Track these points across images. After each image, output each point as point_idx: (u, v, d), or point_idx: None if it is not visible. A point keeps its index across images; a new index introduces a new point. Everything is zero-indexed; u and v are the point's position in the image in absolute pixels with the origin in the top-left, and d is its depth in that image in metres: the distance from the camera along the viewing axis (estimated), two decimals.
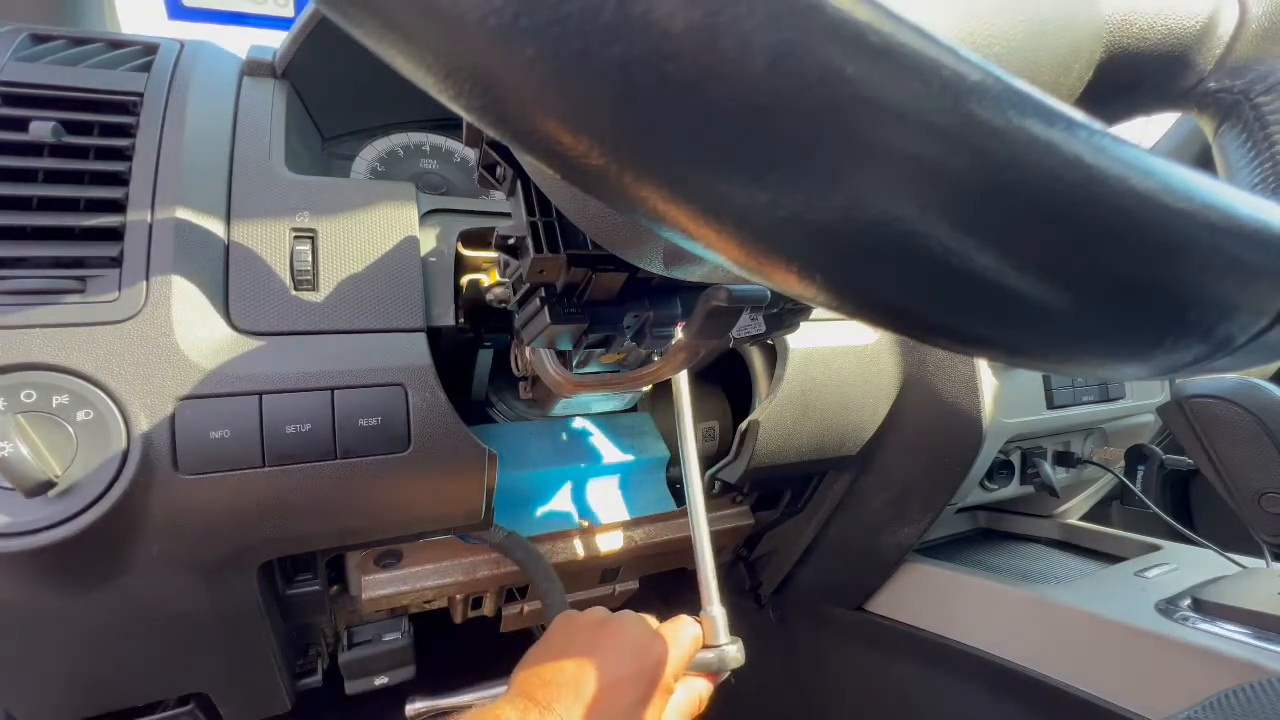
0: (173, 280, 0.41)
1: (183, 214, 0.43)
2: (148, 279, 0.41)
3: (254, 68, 0.54)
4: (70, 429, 0.37)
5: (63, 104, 0.45)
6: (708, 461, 0.65)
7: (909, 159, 0.11)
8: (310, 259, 0.46)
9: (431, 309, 0.49)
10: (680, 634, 0.45)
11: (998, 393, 0.64)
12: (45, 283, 0.39)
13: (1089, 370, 0.16)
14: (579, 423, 0.71)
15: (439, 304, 0.49)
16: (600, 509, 0.67)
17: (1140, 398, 0.78)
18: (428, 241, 0.50)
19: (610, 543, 0.65)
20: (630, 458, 0.70)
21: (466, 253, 0.52)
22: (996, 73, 0.11)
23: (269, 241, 0.45)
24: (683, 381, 0.52)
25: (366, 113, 0.64)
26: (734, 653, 0.48)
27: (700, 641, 0.47)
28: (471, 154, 0.62)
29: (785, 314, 0.39)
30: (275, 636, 0.53)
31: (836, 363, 0.63)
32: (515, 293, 0.39)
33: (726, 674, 0.48)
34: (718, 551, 0.62)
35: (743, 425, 0.61)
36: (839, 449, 0.66)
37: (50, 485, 0.36)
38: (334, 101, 0.60)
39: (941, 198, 0.11)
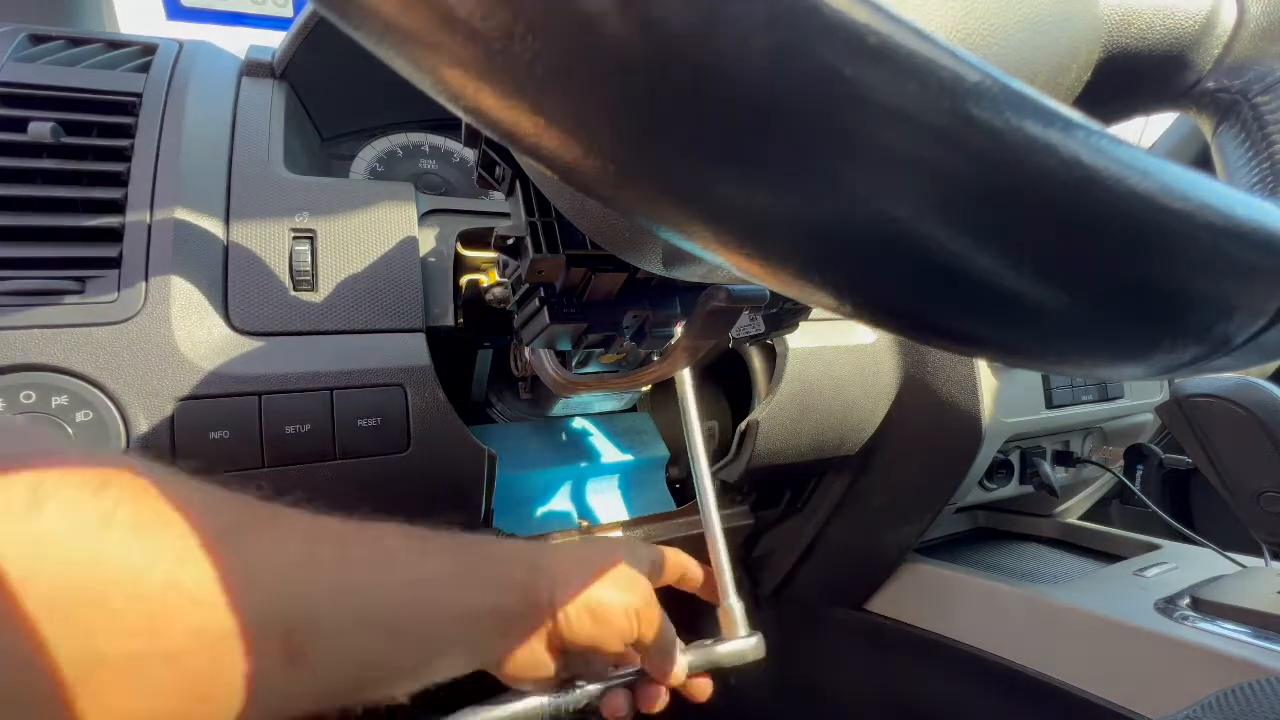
0: (172, 281, 0.41)
1: (182, 214, 0.43)
2: (147, 280, 0.41)
3: (253, 68, 0.54)
4: (69, 430, 0.37)
5: (61, 104, 0.45)
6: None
7: (907, 160, 0.11)
8: (309, 259, 0.46)
9: (431, 309, 0.49)
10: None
11: (997, 392, 0.64)
12: (44, 283, 0.39)
13: (1087, 370, 0.16)
14: (578, 423, 0.71)
15: (438, 304, 0.49)
16: (600, 509, 0.67)
17: (1139, 397, 0.78)
18: (427, 242, 0.50)
19: None
20: (630, 458, 0.70)
21: (466, 253, 0.52)
22: (994, 73, 0.11)
23: (268, 242, 0.45)
24: (686, 376, 0.52)
25: (366, 113, 0.64)
26: (754, 644, 0.46)
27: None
28: (471, 154, 0.62)
29: (784, 314, 0.39)
30: None
31: (836, 363, 0.63)
32: (514, 293, 0.39)
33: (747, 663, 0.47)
34: None
35: (742, 425, 0.61)
36: (838, 449, 0.66)
37: None
38: (333, 102, 0.60)
39: (940, 199, 0.11)
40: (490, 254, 0.52)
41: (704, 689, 0.45)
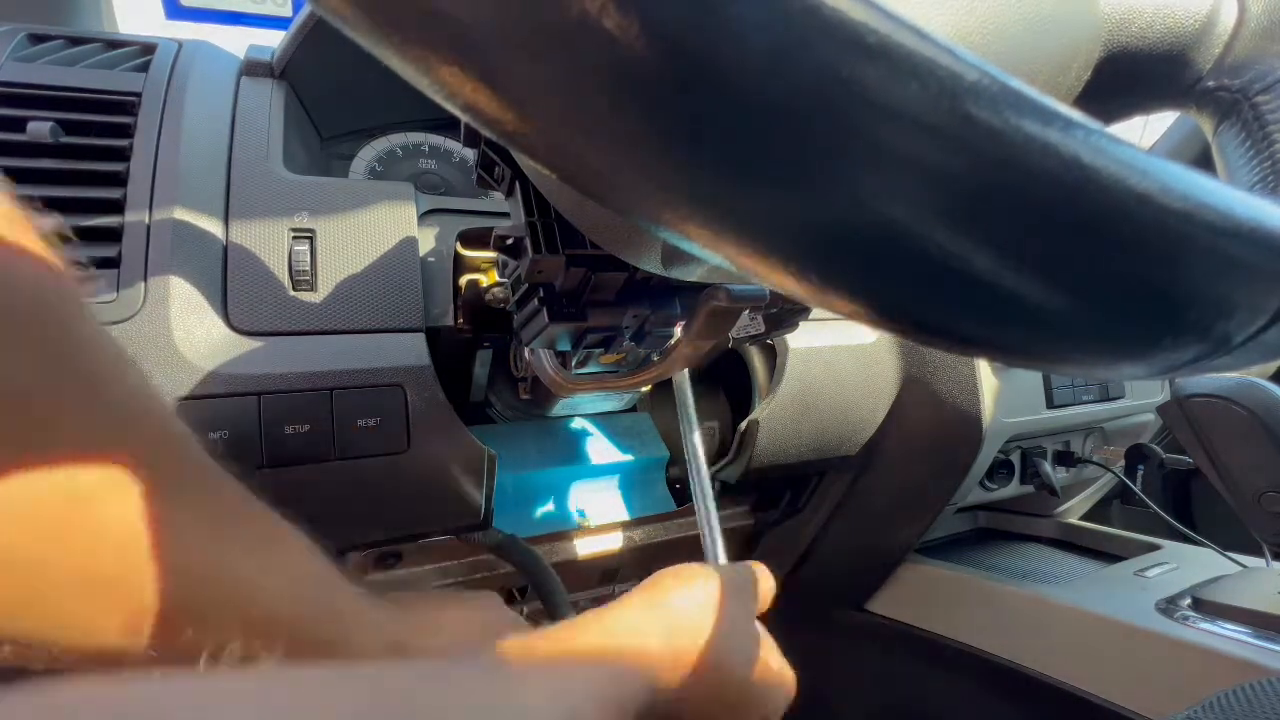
0: (171, 281, 0.41)
1: (181, 214, 0.43)
2: (146, 280, 0.41)
3: (252, 68, 0.54)
4: None
5: (60, 104, 0.45)
6: (708, 462, 0.65)
7: (906, 160, 0.11)
8: (309, 259, 0.45)
9: (430, 309, 0.49)
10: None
11: (997, 392, 0.64)
12: None
13: (1087, 370, 0.16)
14: (578, 423, 0.70)
15: (438, 304, 0.49)
16: (600, 509, 0.67)
17: (1140, 397, 0.78)
18: (426, 242, 0.50)
19: (610, 543, 0.65)
20: (630, 458, 0.70)
21: (465, 253, 0.52)
22: (994, 73, 0.11)
23: (267, 242, 0.45)
24: (684, 376, 0.52)
25: (365, 112, 0.64)
26: None
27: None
28: (470, 154, 0.62)
29: (785, 314, 0.39)
30: None
31: (836, 362, 0.63)
32: (514, 293, 0.39)
33: None
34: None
35: (742, 425, 0.61)
36: (839, 449, 0.66)
37: None
38: (332, 101, 0.60)
39: (939, 199, 0.11)
40: (490, 254, 0.52)
41: None
